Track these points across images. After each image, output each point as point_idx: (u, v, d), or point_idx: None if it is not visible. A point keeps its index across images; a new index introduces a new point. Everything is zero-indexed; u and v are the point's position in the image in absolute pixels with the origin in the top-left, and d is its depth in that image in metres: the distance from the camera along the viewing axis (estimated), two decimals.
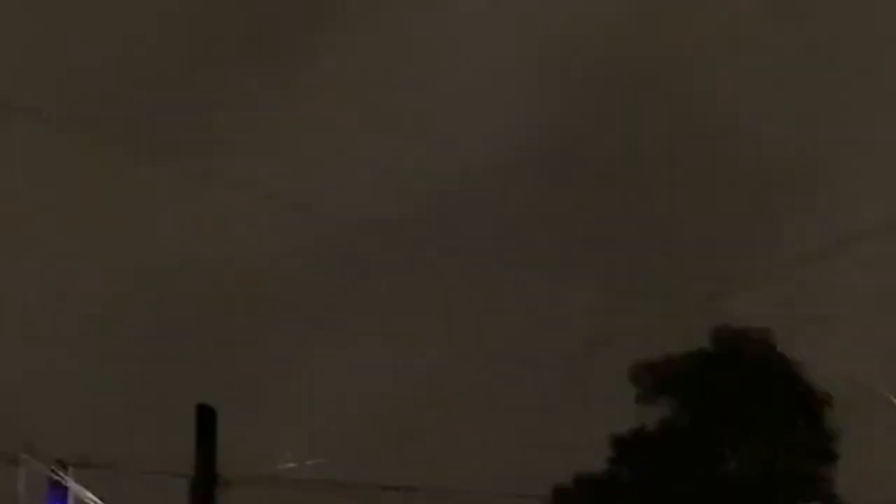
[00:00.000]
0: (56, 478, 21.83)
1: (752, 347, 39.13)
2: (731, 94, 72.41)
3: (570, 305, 59.21)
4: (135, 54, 74.52)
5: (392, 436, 52.59)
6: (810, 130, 70.68)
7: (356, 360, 60.36)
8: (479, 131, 73.06)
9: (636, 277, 60.31)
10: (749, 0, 72.23)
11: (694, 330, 39.71)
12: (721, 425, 38.08)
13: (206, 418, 22.38)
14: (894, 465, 36.55)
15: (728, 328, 39.38)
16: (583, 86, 73.58)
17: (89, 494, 21.42)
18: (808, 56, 72.57)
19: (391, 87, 73.90)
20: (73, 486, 21.62)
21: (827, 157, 71.67)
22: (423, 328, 61.26)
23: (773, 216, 68.35)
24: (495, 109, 73.15)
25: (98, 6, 73.38)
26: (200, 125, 73.15)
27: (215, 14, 76.91)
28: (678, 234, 65.03)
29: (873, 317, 53.79)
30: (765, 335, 39.33)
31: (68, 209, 63.02)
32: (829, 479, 38.16)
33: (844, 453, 38.66)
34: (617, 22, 74.57)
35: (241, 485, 22.35)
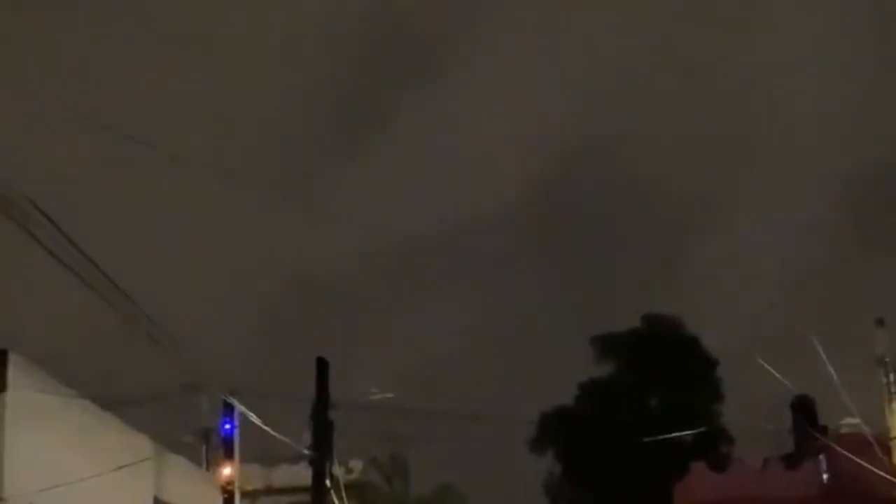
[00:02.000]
0: (228, 401, 21.31)
1: (668, 327, 39.54)
2: (652, 162, 72.49)
3: (557, 301, 59.72)
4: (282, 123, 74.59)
5: (446, 374, 52.95)
6: (705, 186, 70.88)
7: (430, 324, 60.78)
8: (495, 180, 73.38)
9: (597, 283, 60.74)
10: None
11: (631, 316, 40.29)
12: (647, 378, 38.29)
13: (322, 367, 22.10)
14: (759, 404, 36.42)
15: (652, 314, 39.85)
16: (559, 156, 73.91)
17: (251, 414, 21.02)
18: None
19: (442, 149, 74.25)
20: (240, 408, 21.34)
21: (716, 202, 71.78)
22: (462, 315, 61.80)
23: (682, 243, 68.60)
24: (509, 166, 73.53)
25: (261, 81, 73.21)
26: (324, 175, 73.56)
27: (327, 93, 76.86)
28: (625, 254, 65.35)
29: (741, 306, 54.10)
30: (676, 319, 39.78)
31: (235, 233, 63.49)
32: (717, 413, 38.39)
33: (727, 395, 38.99)
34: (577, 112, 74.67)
35: (344, 407, 22.03)
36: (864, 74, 70.62)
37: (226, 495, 21.32)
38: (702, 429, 32.54)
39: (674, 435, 29.26)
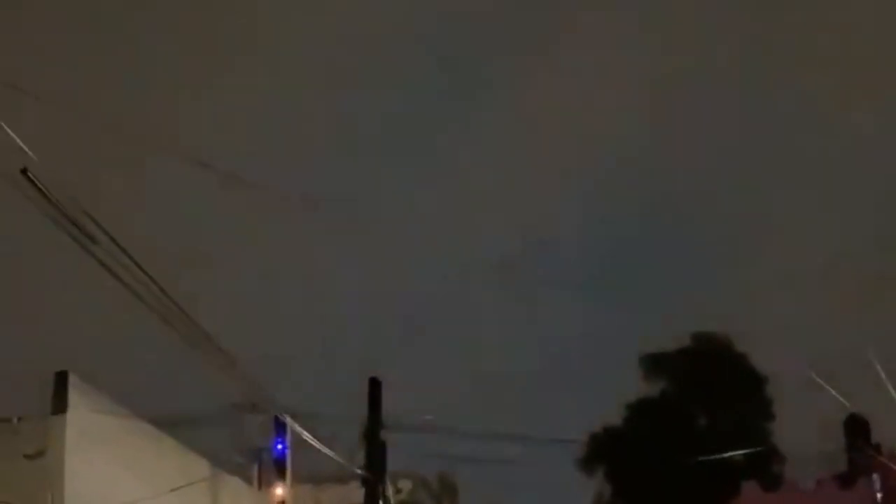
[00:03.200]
0: (281, 421, 21.55)
1: (718, 345, 39.20)
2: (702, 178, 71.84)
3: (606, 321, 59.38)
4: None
5: (496, 397, 52.74)
6: (757, 200, 70.17)
7: (473, 349, 60.69)
8: (542, 204, 73.20)
9: (645, 302, 60.31)
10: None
11: (680, 335, 39.95)
12: (697, 396, 37.95)
13: (374, 387, 22.31)
14: (812, 422, 35.99)
15: (702, 332, 39.52)
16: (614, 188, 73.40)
17: (305, 433, 21.10)
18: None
19: (492, 178, 74.20)
20: (293, 427, 21.37)
21: (770, 216, 71.08)
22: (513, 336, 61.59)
23: (733, 260, 67.92)
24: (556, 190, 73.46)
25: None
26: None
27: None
28: (673, 272, 64.87)
29: (795, 327, 53.49)
30: (726, 337, 39.39)
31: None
32: (769, 432, 37.97)
33: (779, 414, 38.52)
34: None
35: (396, 430, 22.10)
36: None
37: None
38: (753, 448, 32.23)
39: (724, 455, 29.03)
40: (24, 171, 8.77)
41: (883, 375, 18.66)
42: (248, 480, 24.05)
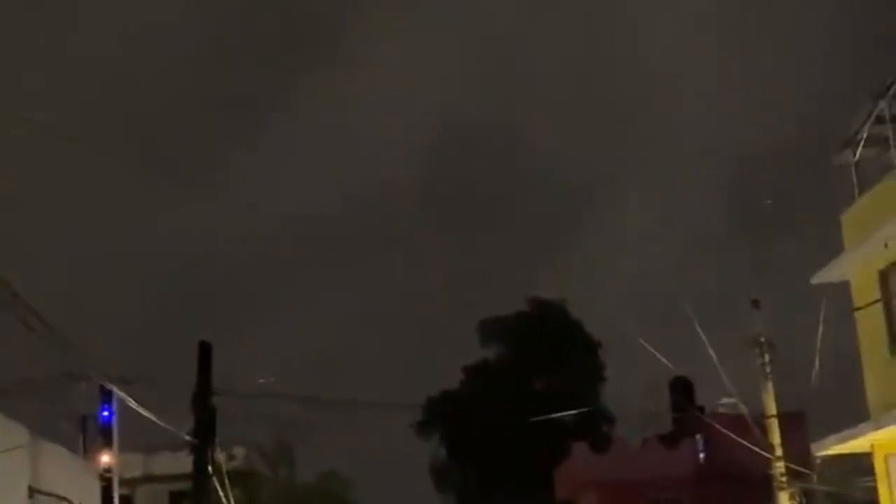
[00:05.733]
0: (107, 388, 20.92)
1: (553, 311, 39.99)
2: (538, 144, 73.16)
3: (445, 284, 59.92)
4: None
5: (324, 361, 52.67)
6: (591, 169, 71.82)
7: (315, 310, 60.36)
8: (383, 163, 73.21)
9: (484, 267, 61.06)
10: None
11: (516, 299, 40.63)
12: (531, 361, 38.64)
13: (204, 351, 21.83)
14: (638, 385, 36.99)
15: (537, 298, 40.23)
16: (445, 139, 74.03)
17: (131, 400, 20.56)
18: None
19: (332, 131, 73.70)
20: (119, 395, 20.80)
21: (600, 185, 72.85)
22: (349, 299, 61.56)
23: (566, 226, 69.43)
24: (399, 149, 73.56)
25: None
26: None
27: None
28: (511, 238, 65.90)
29: (628, 289, 55.03)
30: (560, 302, 40.22)
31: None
32: (599, 395, 38.94)
33: (609, 378, 39.59)
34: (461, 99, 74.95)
35: (227, 393, 21.72)
36: (748, 54, 72.24)
37: (104, 483, 20.88)
38: (582, 409, 32.91)
39: (555, 415, 29.58)
40: None
41: (705, 338, 19.23)
42: (73, 449, 23.36)
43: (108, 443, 21.19)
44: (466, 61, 75.28)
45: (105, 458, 20.97)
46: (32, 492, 19.03)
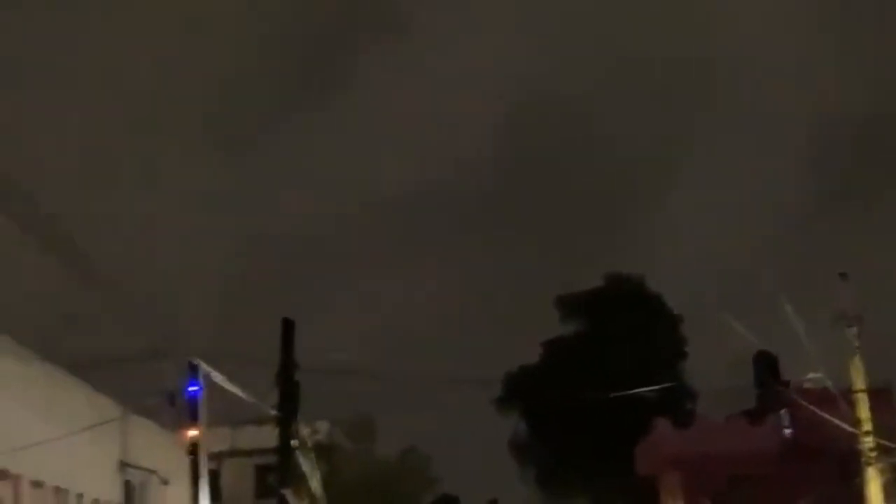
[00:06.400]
0: (194, 363, 20.91)
1: (632, 286, 39.73)
2: (615, 117, 72.40)
3: (523, 261, 59.85)
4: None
5: (409, 339, 53.01)
6: (670, 141, 70.99)
7: (395, 287, 60.75)
8: (457, 141, 73.18)
9: (562, 242, 60.88)
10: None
11: (595, 275, 40.47)
12: (611, 337, 38.37)
13: (288, 327, 22.05)
14: (722, 360, 36.53)
15: (615, 273, 40.01)
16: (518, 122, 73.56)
17: (218, 375, 20.82)
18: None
19: (405, 107, 73.66)
20: (205, 370, 21.10)
21: (682, 157, 71.94)
22: (433, 276, 61.82)
23: (646, 200, 68.75)
24: (472, 126, 73.34)
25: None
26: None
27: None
28: (589, 212, 65.50)
29: (710, 264, 54.38)
30: (639, 278, 39.95)
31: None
32: (681, 371, 38.61)
33: (691, 353, 39.21)
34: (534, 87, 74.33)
35: (310, 369, 21.89)
36: (833, 24, 70.63)
37: (191, 457, 21.23)
38: (665, 385, 32.65)
39: (637, 391, 29.39)
40: None
41: (791, 312, 18.96)
42: (161, 423, 23.84)
43: (194, 417, 21.56)
44: (538, 34, 74.79)
45: (192, 433, 21.32)
46: (123, 465, 19.56)
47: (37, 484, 15.72)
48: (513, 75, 72.69)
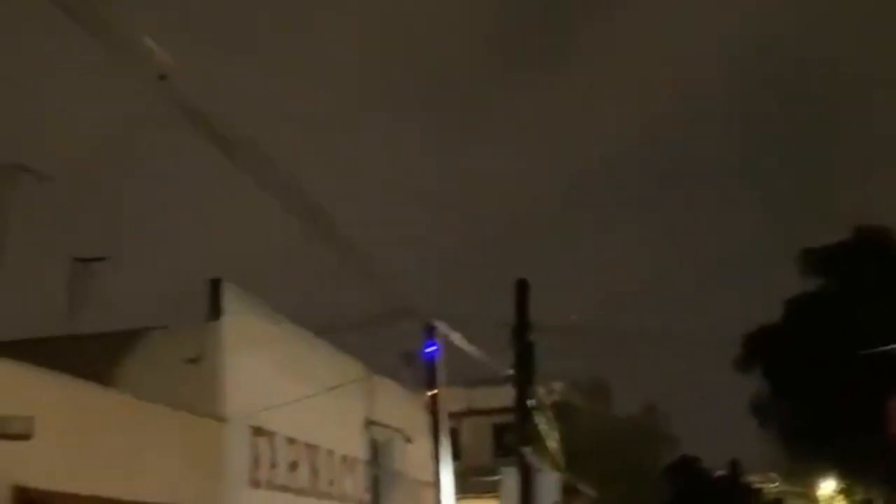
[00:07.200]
0: (431, 324, 21.24)
1: (882, 238, 37.84)
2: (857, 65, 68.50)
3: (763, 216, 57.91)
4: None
5: (649, 295, 52.40)
6: None
7: (631, 245, 60.02)
8: (687, 96, 71.24)
9: (804, 195, 58.50)
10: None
11: (842, 227, 38.75)
12: (858, 293, 36.68)
13: (522, 288, 22.27)
14: None
15: (863, 225, 38.18)
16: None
17: (455, 336, 21.19)
18: None
19: (629, 67, 72.44)
20: (443, 330, 21.51)
21: None
22: (661, 234, 60.73)
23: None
24: (700, 82, 71.38)
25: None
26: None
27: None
28: (827, 162, 62.64)
29: None
30: (888, 230, 37.99)
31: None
32: None
33: None
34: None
35: (545, 330, 22.02)
36: None
37: (431, 416, 21.73)
38: None
39: (886, 348, 28.06)
40: (162, 77, 8.88)
41: None
42: (401, 383, 24.55)
43: (433, 377, 22.06)
44: None
45: (431, 392, 21.82)
46: (368, 423, 20.25)
47: (290, 440, 16.45)
48: (741, 13, 70.08)
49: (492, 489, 26.13)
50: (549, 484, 22.98)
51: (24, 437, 9.06)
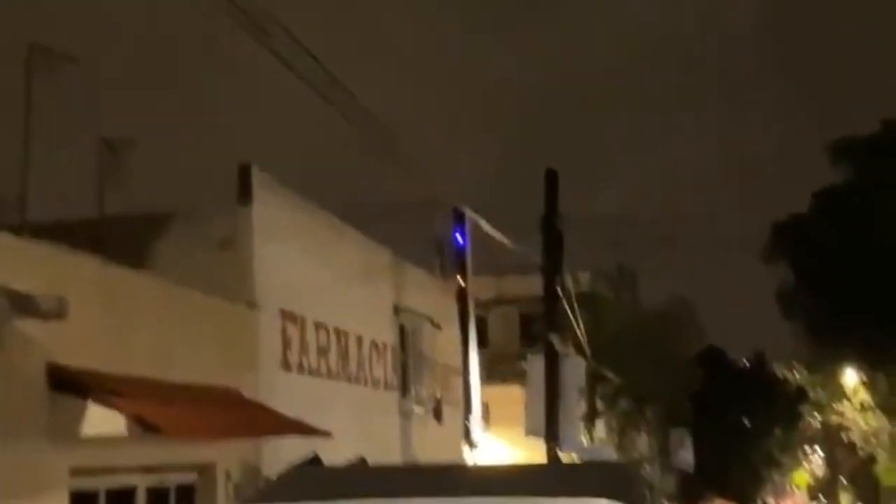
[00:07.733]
0: (461, 212, 21.73)
1: None
2: None
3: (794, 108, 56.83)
4: None
5: (678, 186, 51.96)
6: None
7: (661, 136, 59.41)
8: None
9: (833, 89, 57.42)
10: None
11: (868, 120, 38.13)
12: (887, 183, 36.16)
13: (551, 178, 22.14)
14: None
15: (892, 119, 37.55)
16: None
17: (484, 223, 21.21)
18: None
19: None
20: (472, 218, 21.50)
21: None
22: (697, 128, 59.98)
23: None
24: None
25: None
26: None
27: None
28: (865, 61, 61.33)
29: None
30: None
31: None
32: None
33: None
34: None
35: (573, 220, 21.99)
36: None
37: (460, 303, 21.86)
38: None
39: None
40: None
41: None
42: (430, 271, 24.65)
43: (462, 265, 22.14)
44: None
45: (460, 280, 21.92)
46: (397, 309, 20.36)
47: (320, 325, 16.54)
48: None
49: (518, 376, 26.39)
50: (575, 369, 23.15)
51: (58, 316, 9.09)
